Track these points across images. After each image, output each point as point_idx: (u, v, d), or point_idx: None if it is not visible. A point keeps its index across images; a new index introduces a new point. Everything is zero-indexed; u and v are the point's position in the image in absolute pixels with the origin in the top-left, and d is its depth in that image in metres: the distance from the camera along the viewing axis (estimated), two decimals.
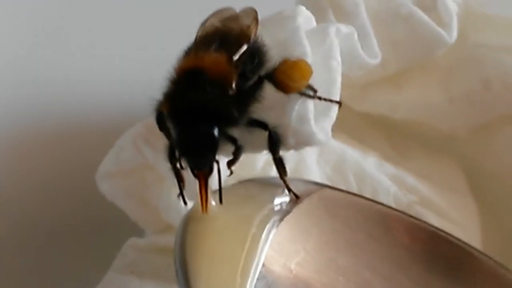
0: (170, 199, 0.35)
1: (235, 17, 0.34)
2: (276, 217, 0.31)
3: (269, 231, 0.30)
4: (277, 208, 0.31)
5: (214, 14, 0.34)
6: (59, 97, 0.43)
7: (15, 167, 0.42)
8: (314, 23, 0.35)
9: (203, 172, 0.29)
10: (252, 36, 0.32)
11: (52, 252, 0.42)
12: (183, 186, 0.31)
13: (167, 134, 0.31)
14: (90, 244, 0.42)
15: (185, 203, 0.31)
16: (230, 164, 0.31)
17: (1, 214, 0.42)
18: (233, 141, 0.30)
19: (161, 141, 0.33)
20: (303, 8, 0.34)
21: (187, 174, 0.30)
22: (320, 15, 0.36)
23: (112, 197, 0.37)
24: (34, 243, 0.42)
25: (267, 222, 0.30)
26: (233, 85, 0.30)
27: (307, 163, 0.36)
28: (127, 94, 0.44)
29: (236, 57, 0.31)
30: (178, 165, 0.30)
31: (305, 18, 0.34)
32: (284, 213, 0.31)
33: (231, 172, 0.31)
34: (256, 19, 0.33)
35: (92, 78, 0.44)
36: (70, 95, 0.43)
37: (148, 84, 0.35)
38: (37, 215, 0.42)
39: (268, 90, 0.31)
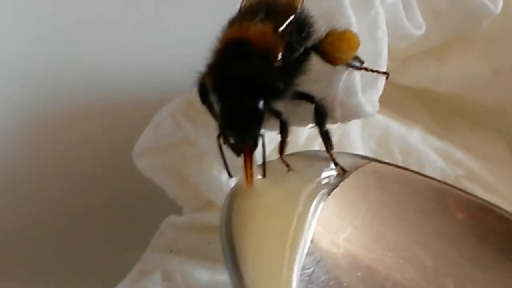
0: (210, 175, 0.34)
1: None
2: (323, 191, 0.30)
3: (317, 206, 0.29)
4: (324, 182, 0.30)
5: None
6: (95, 73, 0.42)
7: (52, 145, 0.42)
8: None
9: (248, 146, 0.29)
10: (299, 7, 0.31)
11: (90, 231, 0.42)
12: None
13: (210, 108, 0.31)
14: (128, 223, 0.41)
15: (230, 176, 0.30)
16: (281, 149, 0.30)
17: (37, 189, 0.41)
18: (278, 115, 0.29)
19: (201, 116, 0.33)
20: None
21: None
22: None
23: (150, 174, 0.36)
24: (71, 222, 0.42)
25: (314, 197, 0.30)
26: (279, 57, 0.29)
27: (351, 137, 0.36)
28: (163, 69, 0.43)
29: (282, 28, 0.30)
30: (222, 140, 0.29)
31: None
32: (331, 187, 0.30)
33: (284, 161, 0.30)
34: None
35: (128, 54, 0.43)
36: (107, 70, 0.43)
37: (184, 59, 0.34)
38: (74, 193, 0.42)
39: (315, 61, 0.30)
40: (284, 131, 0.30)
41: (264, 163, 0.29)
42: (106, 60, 0.43)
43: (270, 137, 0.30)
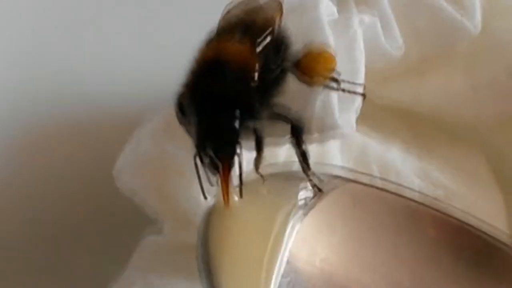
0: (189, 192, 0.34)
1: (258, 8, 0.33)
2: (300, 212, 0.30)
3: (293, 227, 0.30)
4: (301, 203, 0.30)
5: (237, 5, 0.34)
6: (74, 91, 0.42)
7: (29, 163, 0.42)
8: (336, 12, 0.34)
9: (224, 163, 0.29)
10: (276, 26, 0.31)
11: (68, 249, 0.42)
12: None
13: (187, 128, 0.31)
14: (107, 241, 0.41)
15: (205, 197, 0.30)
16: (256, 164, 0.30)
17: (16, 209, 0.41)
18: (254, 131, 0.29)
19: (180, 134, 0.33)
20: None
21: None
22: (340, 3, 0.35)
23: (130, 192, 0.36)
24: (49, 240, 0.42)
25: (291, 218, 0.30)
26: (256, 76, 0.29)
27: (329, 156, 0.36)
28: (143, 86, 0.43)
29: (259, 48, 0.30)
30: (198, 159, 0.29)
31: (326, 7, 0.33)
32: (308, 208, 0.30)
33: (258, 174, 0.31)
34: (280, 10, 0.32)
35: (108, 71, 0.43)
36: (86, 86, 0.43)
37: (163, 77, 0.34)
38: (51, 212, 0.42)
39: (291, 82, 0.31)
40: (259, 147, 0.30)
41: (240, 183, 0.29)
42: (84, 77, 0.43)
43: (246, 159, 0.30)
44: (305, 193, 0.31)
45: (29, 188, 0.41)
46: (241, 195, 0.29)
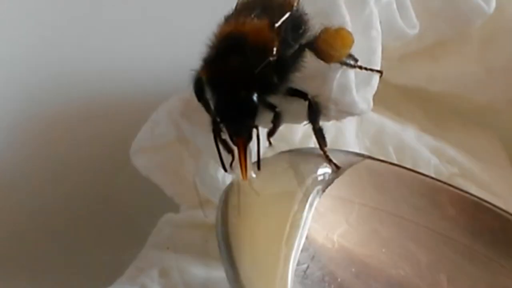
0: (207, 173, 0.35)
1: None
2: (318, 188, 0.30)
3: (312, 203, 0.30)
4: (319, 178, 0.31)
5: None
6: (91, 74, 0.43)
7: (49, 144, 0.42)
8: None
9: (242, 139, 0.29)
10: (295, 4, 0.31)
11: (89, 229, 0.42)
12: (233, 157, 0.30)
13: (206, 105, 0.31)
14: (126, 221, 0.41)
15: (225, 170, 0.30)
16: (269, 134, 0.30)
17: (36, 189, 0.42)
18: (272, 108, 0.30)
19: (198, 115, 0.33)
20: None
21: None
22: None
23: (147, 172, 0.36)
24: (70, 221, 0.42)
25: (309, 194, 0.30)
26: (274, 52, 0.29)
27: (345, 136, 0.36)
28: (160, 68, 0.43)
29: (278, 24, 0.30)
30: (217, 135, 0.30)
31: None
32: (326, 184, 0.30)
33: (270, 143, 0.31)
34: None
35: (125, 54, 0.43)
36: (103, 70, 0.43)
37: (179, 58, 0.35)
38: (72, 192, 0.42)
39: (309, 59, 0.31)
40: (276, 121, 0.30)
41: (258, 156, 0.29)
42: (102, 61, 0.43)
43: (264, 134, 0.30)
44: (323, 169, 0.31)
45: (48, 170, 0.42)
46: (258, 167, 0.29)
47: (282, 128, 0.30)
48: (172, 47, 0.43)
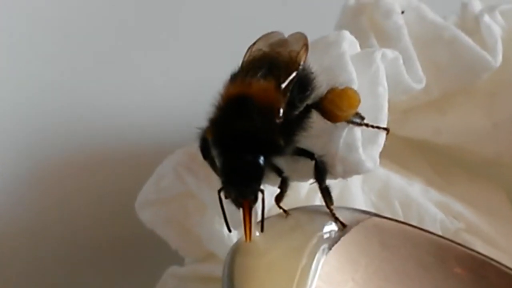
0: (212, 227, 0.35)
1: (284, 42, 0.33)
2: (324, 246, 0.30)
3: (318, 261, 0.30)
4: (325, 236, 0.30)
5: (261, 38, 0.34)
6: (98, 122, 0.43)
7: (53, 194, 0.42)
8: (358, 48, 0.34)
9: (247, 201, 0.29)
10: (302, 63, 0.31)
11: (91, 281, 0.42)
12: None
13: (211, 162, 0.31)
14: (130, 273, 0.41)
15: (229, 230, 0.30)
16: (278, 199, 0.30)
17: (38, 239, 0.41)
18: (279, 172, 0.30)
19: (203, 169, 0.33)
20: (347, 33, 0.34)
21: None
22: (362, 39, 0.36)
23: (152, 225, 0.36)
24: (73, 271, 0.42)
25: (316, 252, 0.30)
26: (281, 113, 0.29)
27: (351, 191, 0.36)
28: (166, 120, 0.43)
29: (284, 85, 0.30)
30: (222, 194, 0.29)
31: (350, 43, 0.34)
32: (332, 241, 0.30)
33: (280, 208, 0.31)
34: (306, 45, 0.32)
35: (131, 104, 0.43)
36: (110, 120, 0.43)
37: (187, 111, 0.35)
38: (77, 242, 0.42)
39: (315, 118, 0.31)
40: (284, 187, 0.30)
41: (263, 218, 0.29)
42: (109, 110, 0.43)
43: (270, 192, 0.30)
44: (329, 227, 0.31)
45: (51, 219, 0.42)
46: (262, 229, 0.29)
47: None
48: (178, 98, 0.44)
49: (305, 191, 0.35)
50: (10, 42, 0.42)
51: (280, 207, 0.31)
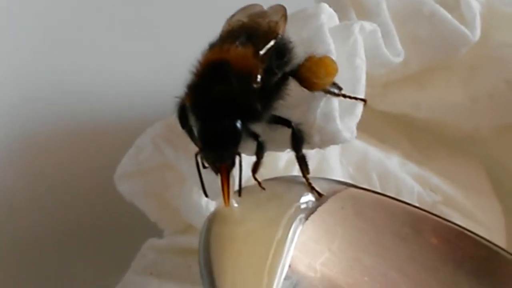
0: (190, 199, 0.35)
1: (262, 13, 0.34)
2: (301, 216, 0.30)
3: (295, 231, 0.30)
4: (302, 206, 0.31)
5: (241, 10, 0.34)
6: (78, 98, 0.43)
7: (32, 168, 0.42)
8: (337, 21, 0.34)
9: (225, 166, 0.29)
10: (280, 32, 0.31)
11: (70, 253, 0.42)
12: None
13: (189, 132, 0.31)
14: (108, 245, 0.41)
15: (206, 195, 0.31)
16: (254, 169, 0.30)
17: (18, 216, 0.41)
18: (255, 137, 0.30)
19: (182, 141, 0.33)
20: (326, 5, 0.34)
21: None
22: (341, 14, 0.36)
23: (131, 197, 0.36)
24: (52, 245, 0.42)
25: (293, 221, 0.30)
26: (258, 79, 0.30)
27: (329, 163, 0.36)
28: (144, 93, 0.43)
29: (262, 52, 0.30)
30: (199, 159, 0.30)
31: (329, 16, 0.34)
32: (309, 211, 0.31)
33: (256, 180, 0.31)
34: (284, 16, 0.32)
35: (111, 79, 0.43)
36: (87, 95, 0.43)
37: (165, 84, 0.35)
38: (54, 216, 0.42)
39: (293, 87, 0.31)
40: (260, 152, 0.30)
41: (240, 183, 0.29)
42: (88, 84, 0.43)
43: (247, 162, 0.30)
44: (306, 197, 0.31)
45: (32, 193, 0.41)
46: (239, 195, 0.29)
47: (266, 155, 0.30)
48: (157, 72, 0.44)
49: (283, 162, 0.35)
50: None
51: (256, 179, 0.31)
